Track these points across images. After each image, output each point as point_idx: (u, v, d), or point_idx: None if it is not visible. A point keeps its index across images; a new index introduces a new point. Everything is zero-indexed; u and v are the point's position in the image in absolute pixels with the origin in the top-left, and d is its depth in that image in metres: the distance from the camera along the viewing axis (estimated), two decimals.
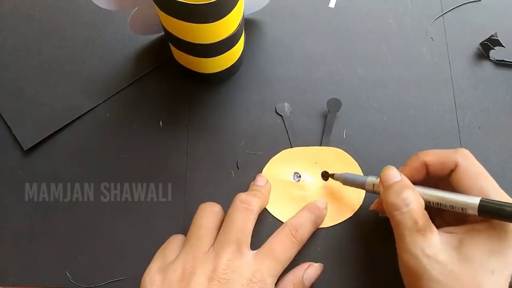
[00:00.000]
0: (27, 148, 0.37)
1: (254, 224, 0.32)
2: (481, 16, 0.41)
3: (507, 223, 0.26)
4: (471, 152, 0.30)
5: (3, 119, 0.38)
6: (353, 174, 0.34)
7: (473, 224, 0.27)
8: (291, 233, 0.31)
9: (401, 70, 0.40)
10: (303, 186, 0.36)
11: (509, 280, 0.26)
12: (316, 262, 0.33)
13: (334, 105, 0.38)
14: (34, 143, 0.37)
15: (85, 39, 0.40)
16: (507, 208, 0.25)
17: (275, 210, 0.35)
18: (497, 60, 0.40)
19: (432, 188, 0.29)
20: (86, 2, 0.41)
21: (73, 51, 0.40)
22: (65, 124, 0.37)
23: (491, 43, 0.39)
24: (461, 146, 0.37)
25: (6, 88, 0.39)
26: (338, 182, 0.35)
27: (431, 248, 0.26)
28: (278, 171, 0.36)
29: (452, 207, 0.28)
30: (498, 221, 0.26)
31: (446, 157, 0.29)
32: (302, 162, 0.36)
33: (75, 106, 0.38)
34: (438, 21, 0.41)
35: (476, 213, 0.26)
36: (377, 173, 0.36)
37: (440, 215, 0.31)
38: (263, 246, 0.31)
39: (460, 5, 0.42)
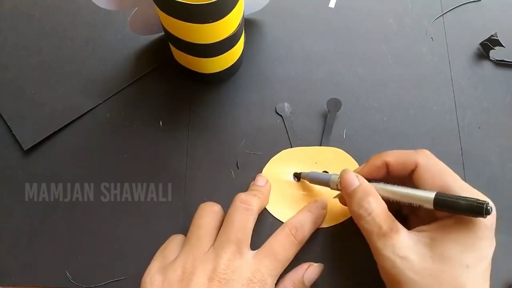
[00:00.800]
0: (27, 148, 0.37)
1: (254, 224, 0.32)
2: (481, 16, 0.41)
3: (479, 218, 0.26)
4: (471, 152, 0.30)
5: (3, 119, 0.38)
6: (318, 172, 0.35)
7: (443, 220, 0.28)
8: (291, 233, 0.31)
9: (401, 70, 0.40)
10: (303, 186, 0.36)
11: (486, 273, 0.26)
12: (316, 262, 0.33)
13: (334, 105, 0.38)
14: (34, 143, 0.37)
15: (85, 39, 0.40)
16: (461, 202, 0.26)
17: (275, 210, 0.35)
18: (497, 60, 0.40)
19: (391, 185, 0.30)
20: (86, 2, 0.41)
21: (73, 51, 0.40)
22: (65, 124, 0.37)
23: (491, 43, 0.39)
24: (461, 146, 0.37)
25: (6, 88, 0.39)
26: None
27: (402, 248, 0.27)
28: (278, 171, 0.36)
29: (410, 203, 0.28)
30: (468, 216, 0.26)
31: (407, 157, 0.30)
32: (302, 162, 0.36)
33: (75, 106, 0.38)
34: (438, 21, 0.41)
35: (431, 207, 0.27)
36: None
37: (414, 214, 0.31)
38: (263, 246, 0.31)
39: (460, 5, 0.42)
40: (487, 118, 0.38)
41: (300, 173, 0.36)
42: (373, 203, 0.29)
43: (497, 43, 0.39)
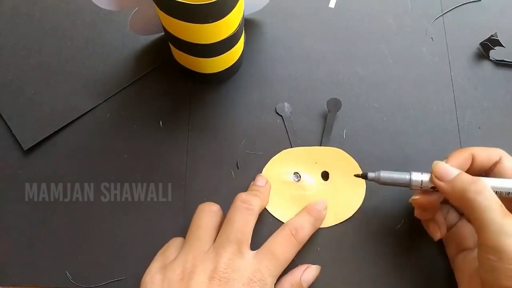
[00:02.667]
0: (27, 148, 0.37)
1: (254, 224, 0.32)
2: (481, 16, 0.41)
3: None
4: None
5: (3, 119, 0.38)
6: (392, 172, 0.32)
7: None
8: (291, 234, 0.31)
9: (401, 70, 0.40)
10: (303, 186, 0.36)
11: None
12: (316, 262, 0.33)
13: (334, 105, 0.38)
14: (34, 143, 0.37)
15: (85, 39, 0.40)
16: None
17: (275, 210, 0.35)
18: (497, 60, 0.40)
19: (485, 177, 0.30)
20: (86, 2, 0.41)
21: (73, 51, 0.40)
22: (65, 124, 0.37)
23: (491, 43, 0.39)
24: (461, 146, 0.37)
25: (6, 88, 0.39)
26: (338, 182, 0.35)
27: None
28: (278, 171, 0.36)
29: (508, 193, 0.29)
30: None
31: (490, 150, 0.31)
32: (302, 162, 0.36)
33: (75, 106, 0.38)
34: (438, 21, 0.41)
35: None
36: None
37: None
38: (263, 246, 0.31)
39: (460, 5, 0.42)
40: (487, 118, 0.38)
41: (364, 174, 0.32)
42: (487, 183, 0.28)
43: (497, 43, 0.39)
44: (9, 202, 0.36)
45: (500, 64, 0.40)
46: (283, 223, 0.34)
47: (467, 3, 0.42)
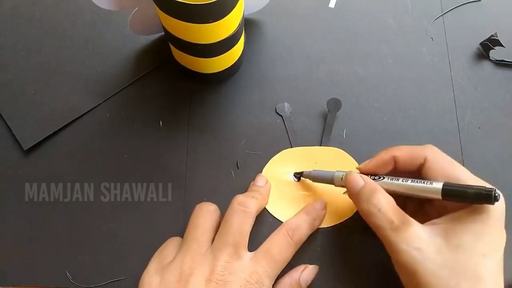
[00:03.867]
0: (27, 148, 0.37)
1: (251, 226, 0.32)
2: (481, 16, 0.41)
3: (488, 206, 0.26)
4: (471, 152, 0.31)
5: (3, 119, 0.38)
6: (320, 170, 0.34)
7: (453, 212, 0.28)
8: (288, 234, 0.31)
9: (401, 70, 0.40)
10: (303, 186, 0.36)
11: (501, 263, 0.26)
12: (315, 262, 0.33)
13: (334, 105, 0.38)
14: (34, 143, 0.37)
15: (85, 39, 0.40)
16: (469, 190, 0.26)
17: (275, 210, 0.35)
18: (497, 60, 0.40)
19: (397, 178, 0.30)
20: (86, 2, 0.41)
21: (73, 51, 0.40)
22: (65, 124, 0.37)
23: (491, 43, 0.39)
24: (461, 146, 0.37)
25: (6, 88, 0.39)
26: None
27: (416, 240, 0.27)
28: (278, 171, 0.36)
29: (418, 195, 0.29)
30: (479, 206, 0.27)
31: (415, 151, 0.30)
32: (302, 162, 0.36)
33: (75, 106, 0.38)
34: (438, 21, 0.41)
35: (440, 197, 0.27)
36: None
37: (422, 210, 0.31)
38: (260, 247, 0.31)
39: (460, 5, 0.42)
40: (487, 118, 0.38)
41: (301, 173, 0.36)
42: (382, 199, 0.29)
43: (497, 43, 0.39)
44: (9, 202, 0.36)
45: (500, 64, 0.40)
46: (283, 223, 0.34)
47: (467, 3, 0.42)
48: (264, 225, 0.34)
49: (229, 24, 0.31)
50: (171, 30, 0.32)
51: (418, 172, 0.30)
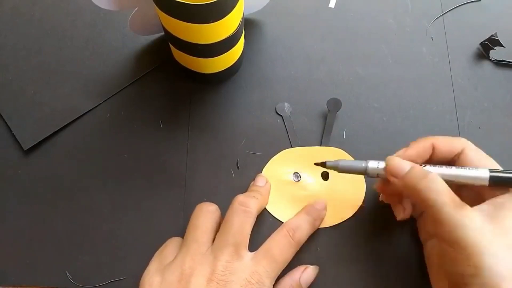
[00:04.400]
0: (27, 148, 0.37)
1: (252, 226, 0.32)
2: (481, 16, 0.41)
3: None
4: None
5: (3, 119, 0.38)
6: (349, 160, 0.33)
7: (496, 198, 0.28)
8: (289, 235, 0.31)
9: (401, 70, 0.40)
10: (303, 186, 0.36)
11: None
12: (316, 262, 0.33)
13: (334, 105, 0.38)
14: (34, 143, 0.37)
15: (85, 39, 0.40)
16: None
17: (275, 210, 0.35)
18: (497, 60, 0.40)
19: (439, 166, 0.30)
20: (86, 2, 0.41)
21: (73, 51, 0.40)
22: (65, 124, 0.37)
23: (491, 43, 0.39)
24: None
25: (6, 88, 0.39)
26: (338, 182, 0.35)
27: (475, 221, 0.26)
28: (278, 171, 0.36)
29: (463, 182, 0.29)
30: None
31: (453, 140, 0.31)
32: (302, 162, 0.36)
33: (75, 106, 0.38)
34: (438, 21, 0.41)
35: (486, 183, 0.28)
36: None
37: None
38: (261, 247, 0.31)
39: (460, 5, 0.42)
40: (487, 118, 0.38)
41: (323, 163, 0.33)
42: (438, 177, 0.28)
43: (497, 43, 0.39)
44: (9, 202, 0.36)
45: (500, 64, 0.40)
46: (283, 223, 0.34)
47: (467, 3, 0.42)
48: (264, 225, 0.34)
49: (229, 24, 0.31)
50: (171, 30, 0.32)
51: (452, 162, 0.30)
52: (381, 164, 0.31)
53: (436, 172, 0.29)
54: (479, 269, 0.25)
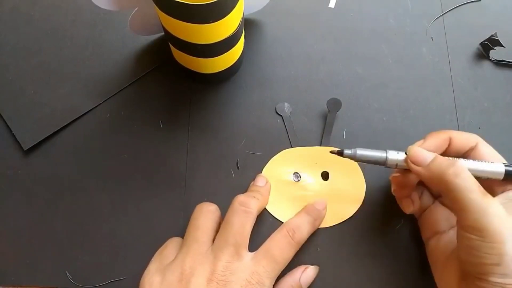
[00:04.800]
0: (27, 148, 0.37)
1: (252, 226, 0.32)
2: (481, 16, 0.41)
3: None
4: None
5: (3, 119, 0.38)
6: (368, 149, 0.31)
7: (506, 192, 0.29)
8: (289, 235, 0.31)
9: (401, 70, 0.40)
10: (303, 186, 0.36)
11: None
12: (315, 262, 0.33)
13: (334, 105, 0.38)
14: (34, 143, 0.37)
15: (85, 39, 0.40)
16: None
17: (275, 210, 0.35)
18: (497, 60, 0.40)
19: (457, 158, 0.30)
20: (86, 2, 0.41)
21: (73, 51, 0.40)
22: (65, 124, 0.37)
23: (491, 43, 0.39)
24: None
25: (6, 88, 0.39)
26: (338, 182, 0.35)
27: (499, 209, 0.26)
28: (278, 171, 0.36)
29: (479, 176, 0.29)
30: None
31: (468, 135, 0.31)
32: (302, 162, 0.36)
33: (75, 106, 0.38)
34: (438, 21, 0.41)
35: (501, 177, 0.29)
36: (377, 173, 0.36)
37: None
38: (261, 247, 0.31)
39: (460, 5, 0.42)
40: (487, 118, 0.38)
41: (341, 151, 0.31)
42: (464, 165, 0.29)
43: (497, 43, 0.39)
44: (9, 202, 0.36)
45: (500, 64, 0.40)
46: (283, 223, 0.34)
47: (467, 3, 0.42)
48: (264, 225, 0.34)
49: (229, 24, 0.31)
50: (171, 30, 0.32)
51: (465, 156, 0.31)
52: (401, 155, 0.31)
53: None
54: (502, 257, 0.25)
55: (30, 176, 0.36)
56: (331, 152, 0.32)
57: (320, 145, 0.37)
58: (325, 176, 0.36)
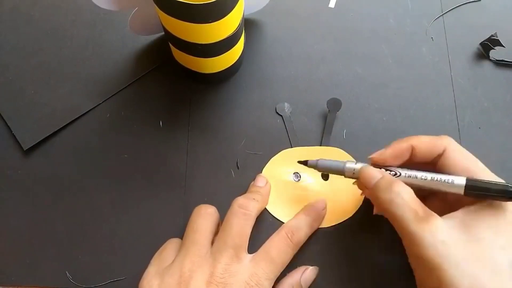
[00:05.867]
0: (27, 148, 0.37)
1: (251, 228, 0.32)
2: (481, 16, 0.41)
3: (506, 202, 0.27)
4: (471, 152, 0.30)
5: (3, 119, 0.38)
6: (328, 160, 0.32)
7: (470, 206, 0.28)
8: (287, 236, 0.31)
9: (401, 70, 0.40)
10: (303, 186, 0.36)
11: None
12: (315, 263, 0.33)
13: (334, 105, 0.38)
14: (34, 143, 0.37)
15: (85, 39, 0.40)
16: (493, 186, 0.26)
17: (275, 210, 0.35)
18: (497, 60, 0.40)
19: (414, 172, 0.29)
20: (86, 2, 0.41)
21: (73, 51, 0.40)
22: (65, 124, 0.37)
23: (491, 43, 0.39)
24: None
25: (6, 88, 0.39)
26: (338, 182, 0.35)
27: (440, 233, 0.26)
28: (278, 171, 0.36)
29: (438, 189, 0.28)
30: (494, 200, 0.27)
31: (434, 141, 0.30)
32: None
33: (75, 106, 0.38)
34: (438, 21, 0.41)
35: (462, 192, 0.27)
36: None
37: (432, 204, 0.31)
38: (260, 249, 0.31)
39: (460, 5, 0.42)
40: (487, 118, 0.38)
41: (305, 161, 0.33)
42: (403, 188, 0.28)
43: (497, 43, 0.39)
44: (9, 202, 0.36)
45: (500, 64, 0.40)
46: (283, 223, 0.34)
47: (467, 3, 0.42)
48: (264, 225, 0.34)
49: (229, 24, 0.31)
50: (171, 30, 0.32)
51: (434, 163, 0.30)
52: (358, 165, 0.31)
53: (409, 179, 0.29)
54: (442, 283, 0.25)
55: (30, 176, 0.36)
56: (299, 162, 0.34)
57: (320, 145, 0.37)
58: (325, 176, 0.36)
